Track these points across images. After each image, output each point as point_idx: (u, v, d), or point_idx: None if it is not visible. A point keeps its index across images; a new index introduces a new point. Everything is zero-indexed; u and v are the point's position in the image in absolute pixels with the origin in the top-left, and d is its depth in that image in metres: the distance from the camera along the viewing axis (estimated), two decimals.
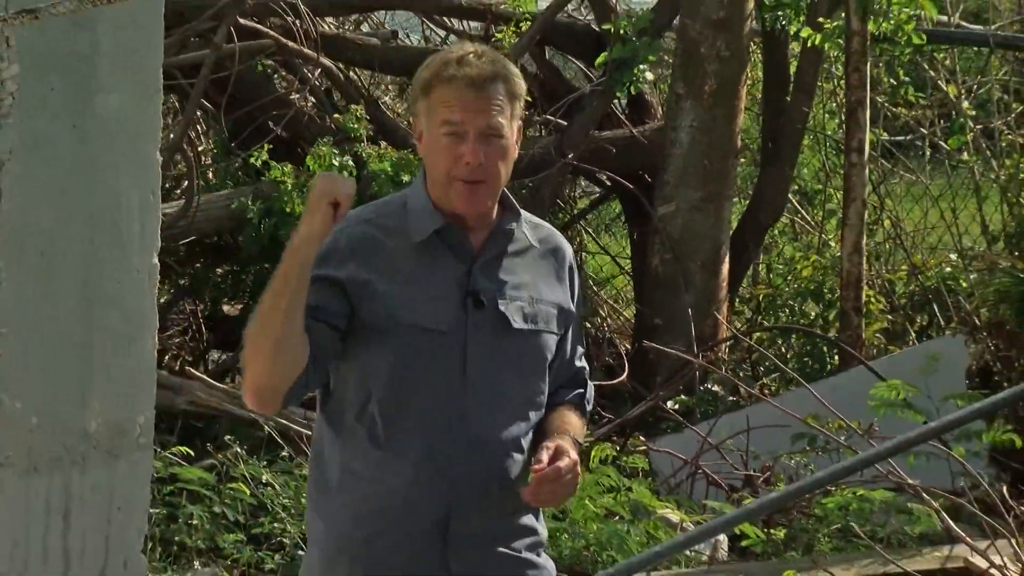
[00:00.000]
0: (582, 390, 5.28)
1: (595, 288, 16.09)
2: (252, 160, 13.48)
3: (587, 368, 5.34)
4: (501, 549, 4.94)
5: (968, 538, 9.58)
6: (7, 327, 4.14)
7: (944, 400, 10.65)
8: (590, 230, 16.45)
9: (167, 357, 14.30)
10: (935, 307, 14.72)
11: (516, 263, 4.98)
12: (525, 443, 4.94)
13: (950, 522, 9.74)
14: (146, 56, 4.38)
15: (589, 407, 5.35)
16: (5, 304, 4.14)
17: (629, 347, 14.42)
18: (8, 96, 4.10)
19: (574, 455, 4.79)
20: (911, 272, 15.52)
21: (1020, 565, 9.22)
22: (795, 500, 10.19)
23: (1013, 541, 9.45)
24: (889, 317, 14.83)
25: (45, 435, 4.24)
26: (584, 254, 16.20)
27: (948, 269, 15.31)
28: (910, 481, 10.17)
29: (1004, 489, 10.07)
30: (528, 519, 5.02)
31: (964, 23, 17.47)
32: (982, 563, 9.37)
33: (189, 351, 14.83)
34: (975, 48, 17.43)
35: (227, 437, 11.16)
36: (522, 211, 5.02)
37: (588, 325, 14.94)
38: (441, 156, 4.76)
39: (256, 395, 4.72)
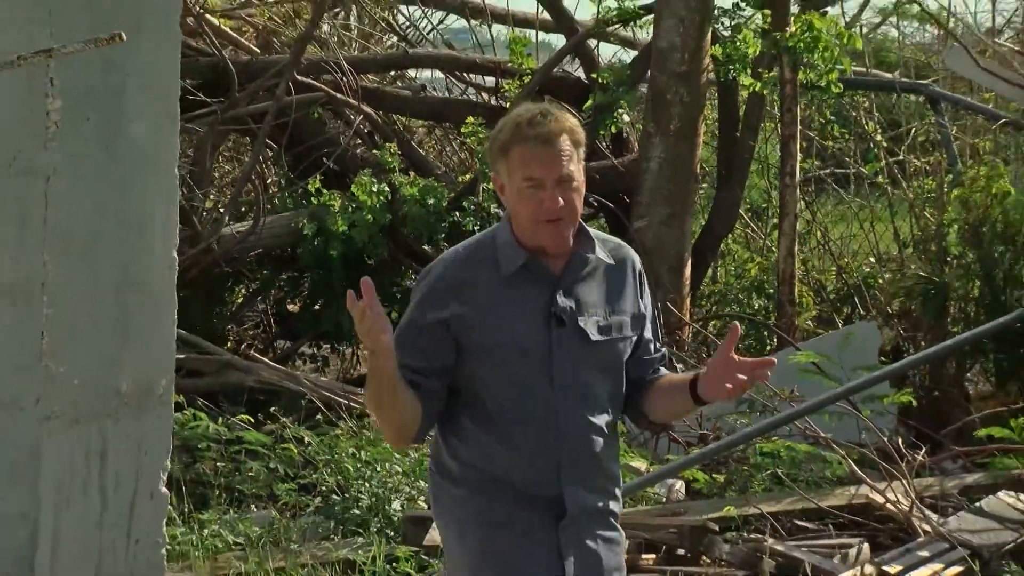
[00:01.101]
0: (663, 362, 5.15)
1: None
2: (309, 188, 13.53)
3: (664, 353, 5.19)
4: (599, 519, 4.87)
5: (870, 480, 9.62)
6: (54, 308, 4.17)
7: (853, 371, 10.69)
8: None
9: (242, 345, 14.33)
10: (856, 300, 14.70)
11: (592, 283, 4.87)
12: (608, 431, 4.88)
13: (855, 468, 9.77)
14: (167, 91, 4.40)
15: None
16: (52, 290, 4.16)
17: None
18: (53, 125, 4.12)
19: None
20: (838, 272, 15.54)
21: (909, 500, 9.24)
22: (731, 450, 10.20)
23: (905, 482, 9.48)
24: (819, 308, 14.86)
25: (86, 394, 4.25)
26: None
27: (867, 270, 15.39)
28: (823, 435, 10.23)
29: (899, 441, 10.11)
30: (614, 495, 4.95)
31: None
32: (880, 499, 9.40)
33: (260, 340, 14.86)
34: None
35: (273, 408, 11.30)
36: (592, 232, 4.90)
37: None
38: (525, 204, 4.71)
39: (397, 444, 5.71)
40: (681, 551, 8.75)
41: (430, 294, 4.84)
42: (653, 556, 8.60)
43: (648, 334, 5.04)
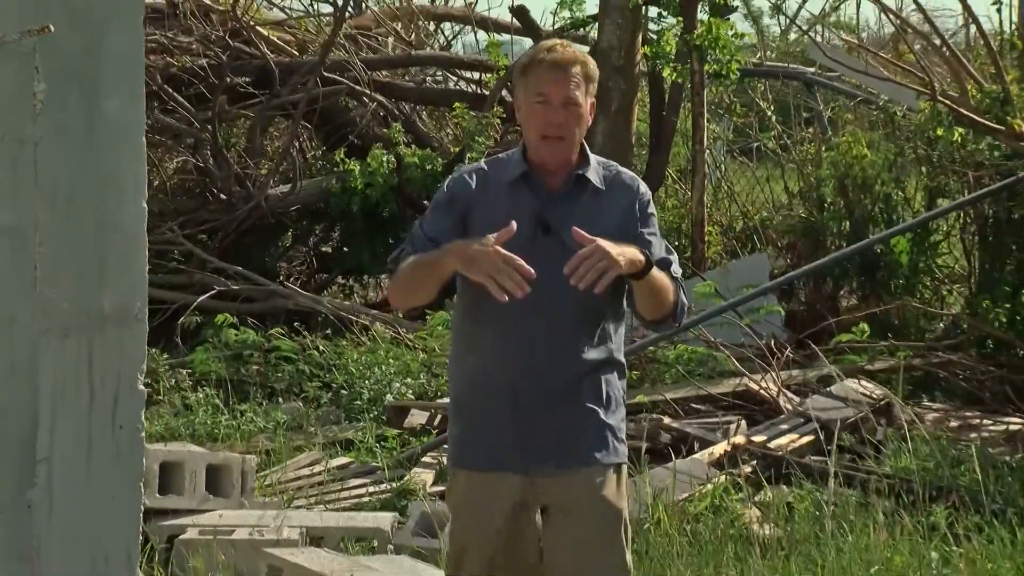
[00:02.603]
0: (668, 265, 4.37)
1: None
2: (335, 157, 13.45)
3: (675, 261, 4.46)
4: (558, 414, 4.31)
5: (748, 372, 9.53)
6: (44, 246, 4.00)
7: (739, 289, 10.61)
8: None
9: (290, 278, 14.29)
10: (755, 237, 14.58)
11: (584, 200, 4.37)
12: (580, 335, 4.32)
13: (737, 364, 9.67)
14: (134, 74, 4.21)
15: (677, 275, 4.42)
16: (43, 232, 4.00)
17: None
18: (39, 103, 3.96)
19: (605, 243, 4.06)
20: (743, 217, 15.39)
21: (777, 387, 9.14)
22: (644, 351, 10.07)
23: (774, 373, 9.38)
24: (725, 243, 14.76)
25: (74, 313, 4.08)
26: None
27: (764, 214, 15.20)
28: (712, 339, 10.12)
29: (772, 343, 10.00)
30: (588, 389, 4.33)
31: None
32: (755, 387, 9.31)
33: (304, 275, 14.80)
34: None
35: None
36: (598, 160, 4.50)
37: None
38: (533, 119, 4.33)
39: (403, 311, 5.16)
40: None
41: (454, 182, 4.50)
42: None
43: (647, 245, 4.36)
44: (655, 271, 4.27)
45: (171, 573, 6.27)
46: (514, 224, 4.12)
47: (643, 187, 4.54)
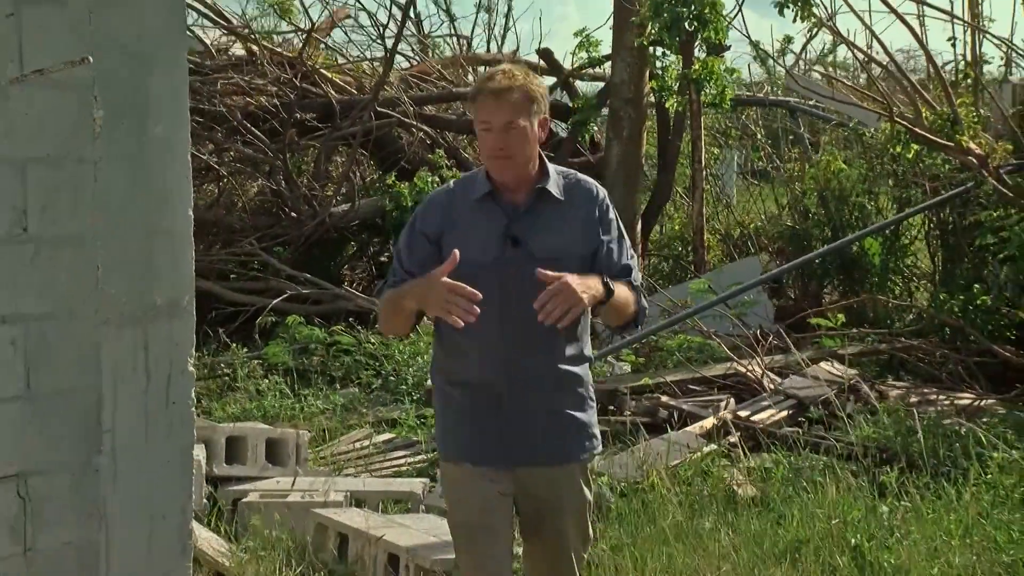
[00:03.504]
0: (628, 273, 4.25)
1: None
2: (389, 180, 13.45)
3: (632, 265, 4.30)
4: (539, 412, 4.17)
5: (737, 358, 9.46)
6: (103, 250, 3.99)
7: (730, 287, 10.54)
8: None
9: (352, 284, 14.29)
10: (749, 243, 14.49)
11: (547, 212, 4.15)
12: (556, 339, 4.12)
13: (728, 351, 9.60)
14: (180, 101, 4.21)
15: (636, 283, 4.29)
16: (102, 238, 3.99)
17: None
18: (98, 128, 3.94)
19: (571, 280, 3.91)
20: (740, 225, 15.31)
21: (761, 369, 9.06)
22: (649, 340, 10.03)
23: (760, 358, 9.31)
24: (723, 248, 14.69)
25: (131, 306, 4.07)
26: None
27: (758, 224, 15.12)
28: (705, 328, 10.06)
29: (758, 332, 9.95)
30: (562, 384, 4.20)
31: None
32: (743, 369, 9.24)
33: (364, 280, 14.80)
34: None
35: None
36: (557, 172, 4.25)
37: None
38: (481, 143, 4.15)
39: (390, 334, 4.61)
40: (612, 407, 8.61)
41: (423, 214, 4.29)
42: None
43: (605, 255, 4.22)
44: (617, 293, 4.12)
45: (235, 530, 6.28)
46: (457, 254, 3.95)
47: (601, 192, 4.32)
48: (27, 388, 3.89)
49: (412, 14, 17.39)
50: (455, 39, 19.59)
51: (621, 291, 4.16)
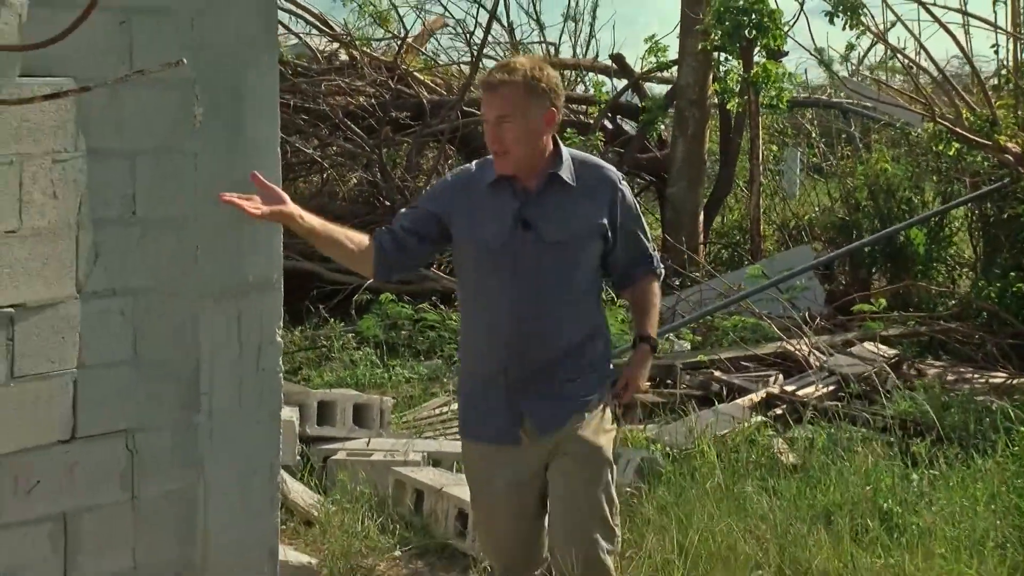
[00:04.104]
0: (649, 261, 4.13)
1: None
2: None
3: (651, 252, 4.13)
4: (543, 389, 3.93)
5: (786, 337, 9.38)
6: (201, 233, 4.08)
7: (782, 272, 10.46)
8: (643, 200, 16.06)
9: (439, 267, 14.29)
10: (804, 233, 14.35)
11: (559, 197, 3.87)
12: (562, 316, 3.90)
13: (777, 330, 9.53)
14: (270, 99, 4.28)
15: (660, 269, 4.17)
16: (200, 222, 4.07)
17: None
18: (198, 123, 4.02)
19: (638, 379, 4.01)
20: (795, 217, 15.15)
21: (807, 348, 8.99)
22: (703, 319, 9.98)
23: (807, 338, 9.22)
24: (779, 237, 14.56)
25: (226, 282, 4.15)
26: (644, 212, 15.84)
27: (812, 215, 14.95)
28: (757, 310, 9.98)
29: (806, 314, 9.85)
30: (573, 364, 3.95)
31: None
32: (791, 348, 9.16)
33: (450, 264, 14.80)
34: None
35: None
36: (575, 158, 3.97)
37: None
38: (485, 136, 3.88)
39: (366, 274, 4.14)
40: (669, 381, 8.59)
41: (436, 191, 4.10)
42: (649, 383, 8.41)
43: (623, 243, 4.02)
44: (655, 330, 4.11)
45: (324, 485, 6.37)
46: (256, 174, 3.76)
47: (617, 177, 4.04)
48: (134, 354, 4.00)
49: (505, 23, 17.60)
50: (543, 45, 19.56)
51: (656, 326, 4.16)
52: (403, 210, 4.14)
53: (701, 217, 14.07)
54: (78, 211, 3.77)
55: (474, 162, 4.10)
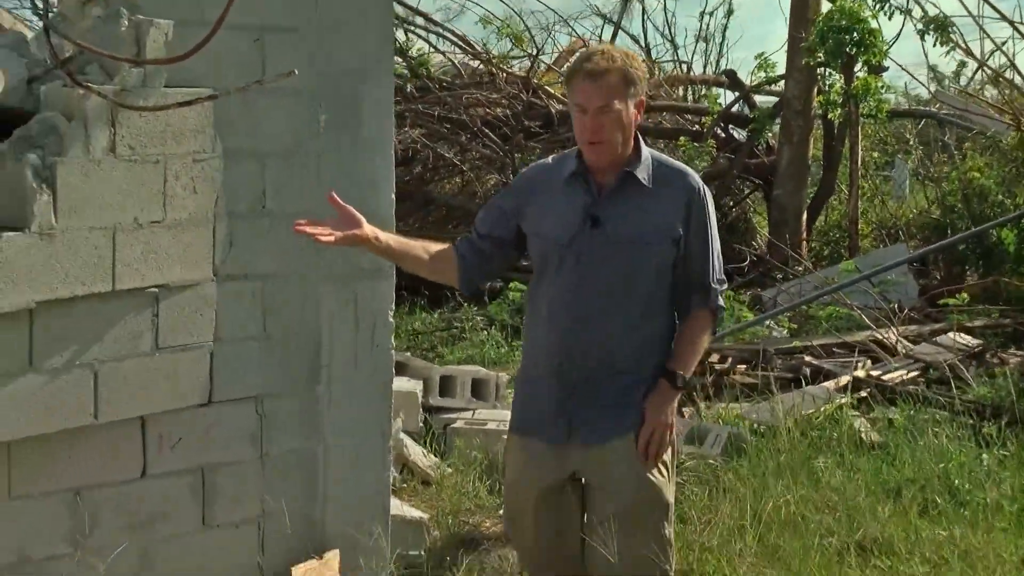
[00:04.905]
0: (706, 292, 3.48)
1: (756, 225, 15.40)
2: None
3: (710, 282, 3.48)
4: (593, 396, 3.42)
5: (874, 326, 9.12)
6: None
7: (874, 267, 10.16)
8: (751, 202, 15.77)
9: None
10: (901, 232, 13.93)
11: (633, 196, 3.38)
12: (622, 319, 3.37)
13: (867, 320, 9.27)
14: (386, 108, 4.29)
15: (715, 304, 3.51)
16: (323, 215, 4.10)
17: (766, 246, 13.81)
18: (321, 127, 4.06)
19: (657, 419, 3.35)
20: (893, 217, 14.73)
21: (895, 337, 8.72)
22: (798, 308, 9.75)
23: (896, 328, 8.95)
24: (876, 235, 14.17)
25: (344, 267, 4.18)
26: (752, 213, 15.60)
27: (909, 216, 14.52)
28: (848, 302, 9.72)
29: (896, 306, 9.57)
30: (629, 370, 3.42)
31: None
32: (880, 337, 8.90)
33: None
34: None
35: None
36: (655, 159, 3.46)
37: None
38: (575, 125, 3.41)
39: (452, 285, 3.67)
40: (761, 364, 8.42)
41: (512, 188, 3.65)
42: (744, 366, 8.27)
43: (686, 259, 3.45)
44: (688, 372, 3.45)
45: (443, 449, 6.41)
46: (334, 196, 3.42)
47: (695, 185, 3.46)
48: (263, 331, 4.07)
49: (643, 43, 17.57)
50: (676, 63, 19.43)
51: (690, 365, 3.47)
52: (480, 212, 3.69)
53: (804, 217, 13.79)
54: (215, 205, 3.84)
55: (551, 156, 3.68)
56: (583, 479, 3.47)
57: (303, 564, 4.17)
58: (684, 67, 19.18)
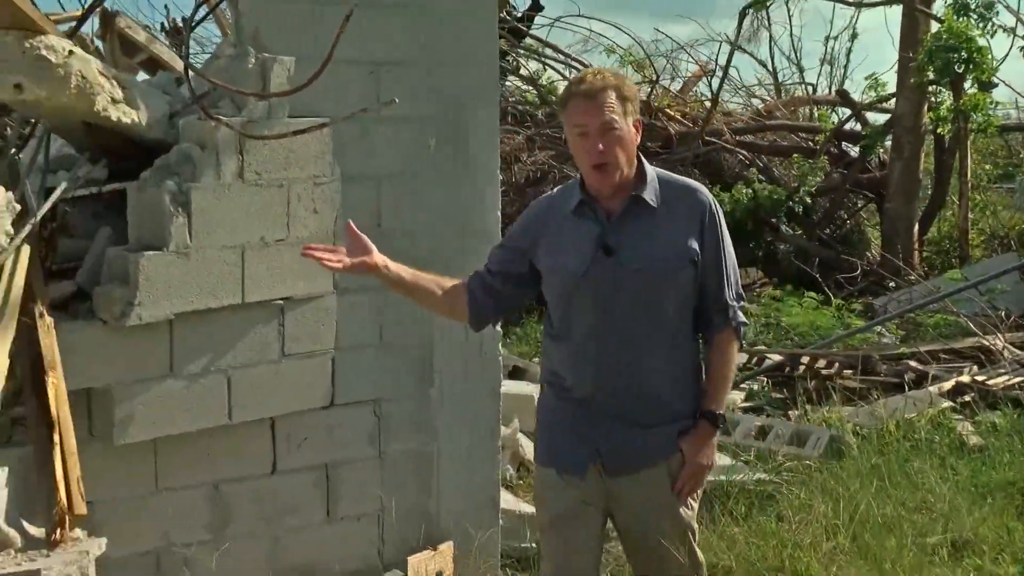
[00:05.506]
0: (725, 310, 3.05)
1: (870, 236, 14.88)
2: (714, 192, 13.12)
3: (728, 300, 3.07)
4: (617, 428, 3.01)
5: (982, 332, 8.68)
6: (433, 239, 4.11)
7: (980, 276, 9.70)
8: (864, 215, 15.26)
9: None
10: (1012, 242, 13.29)
11: (642, 220, 2.97)
12: (646, 345, 2.97)
13: (973, 327, 8.83)
14: (491, 132, 4.26)
15: (737, 320, 3.07)
16: (431, 231, 4.11)
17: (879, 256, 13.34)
18: (430, 150, 4.06)
19: (696, 459, 3.01)
20: (1004, 227, 14.06)
21: (1001, 343, 8.30)
22: (906, 315, 9.36)
23: (1001, 334, 8.51)
24: (987, 245, 13.55)
25: (451, 258, 4.11)
26: (865, 225, 15.09)
27: (1021, 227, 13.85)
28: (954, 310, 9.28)
29: (1003, 313, 9.09)
30: (656, 396, 3.01)
31: None
32: (987, 343, 8.46)
33: None
34: None
35: None
36: (661, 178, 3.05)
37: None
38: (578, 151, 3.00)
39: (461, 321, 3.31)
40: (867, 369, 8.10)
41: (521, 225, 3.18)
42: (850, 371, 7.96)
43: (710, 274, 3.02)
44: (722, 408, 3.07)
45: None
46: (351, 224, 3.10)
47: (706, 200, 3.05)
48: (380, 339, 4.08)
49: (770, 67, 17.35)
50: (803, 86, 19.09)
51: (725, 398, 3.10)
52: (493, 249, 3.33)
53: (916, 229, 13.28)
54: (334, 224, 3.87)
55: (556, 188, 3.26)
56: (610, 507, 3.11)
57: (419, 554, 4.17)
58: (809, 88, 18.77)
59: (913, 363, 8.01)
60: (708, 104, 13.94)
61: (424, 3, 4.07)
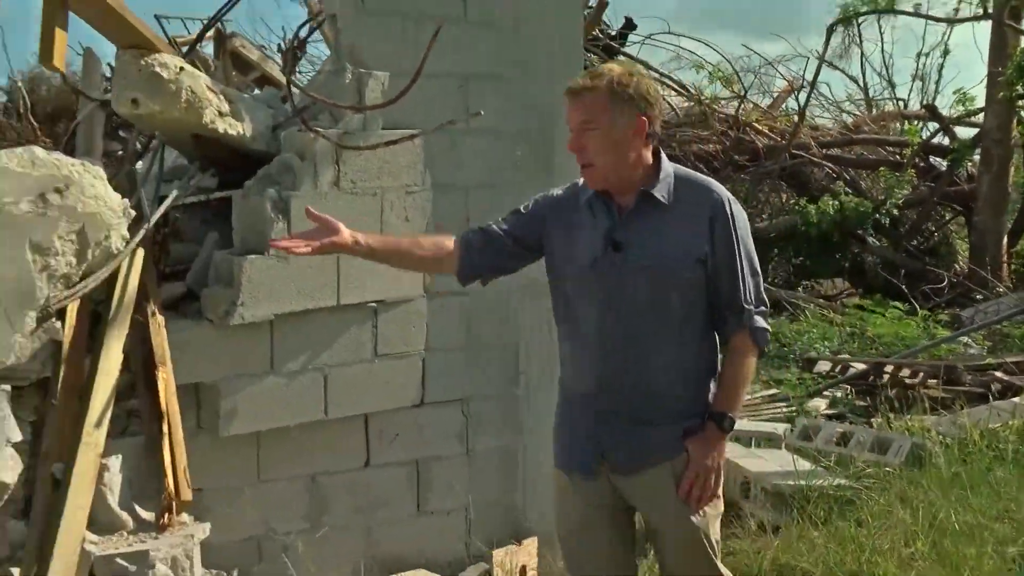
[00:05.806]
0: (740, 312, 2.76)
1: (958, 248, 14.42)
2: (801, 203, 12.87)
3: (743, 303, 2.78)
4: (624, 426, 2.80)
5: None
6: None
7: None
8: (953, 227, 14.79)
9: (773, 280, 13.80)
10: None
11: (652, 217, 2.76)
12: (653, 343, 2.75)
13: None
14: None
15: (754, 323, 2.78)
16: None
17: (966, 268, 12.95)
18: (518, 160, 4.06)
19: (703, 462, 2.75)
20: None
21: None
22: (993, 327, 9.04)
23: None
24: None
25: (539, 282, 4.04)
26: (954, 238, 14.64)
27: None
28: None
29: None
30: (661, 395, 2.78)
31: None
32: None
33: (782, 277, 14.27)
34: None
35: None
36: (676, 174, 2.81)
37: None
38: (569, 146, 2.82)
39: (444, 272, 3.04)
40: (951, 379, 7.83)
41: (549, 198, 2.97)
42: (935, 380, 7.71)
43: (722, 275, 2.77)
44: (735, 412, 2.80)
45: None
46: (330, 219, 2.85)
47: (722, 199, 2.79)
48: (468, 340, 4.09)
49: (861, 83, 16.95)
50: (894, 101, 18.67)
51: (737, 402, 2.82)
52: (509, 213, 3.05)
53: (1004, 241, 12.84)
54: (424, 231, 3.90)
55: (579, 179, 2.97)
56: (631, 504, 2.93)
57: (504, 548, 4.16)
58: (900, 104, 18.34)
59: (999, 374, 7.73)
60: (796, 119, 13.69)
61: (511, 20, 4.07)
